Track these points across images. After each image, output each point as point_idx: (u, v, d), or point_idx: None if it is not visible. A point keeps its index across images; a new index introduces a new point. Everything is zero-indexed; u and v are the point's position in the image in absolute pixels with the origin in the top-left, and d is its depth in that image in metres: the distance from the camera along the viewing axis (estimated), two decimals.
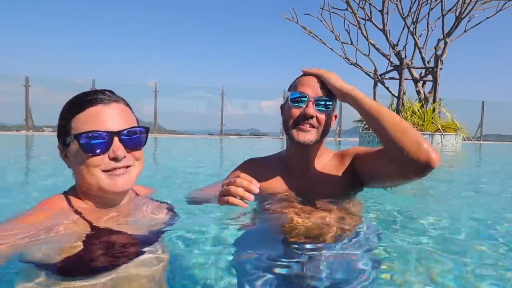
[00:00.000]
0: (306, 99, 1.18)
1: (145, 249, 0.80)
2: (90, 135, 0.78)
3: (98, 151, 0.79)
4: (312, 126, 1.19)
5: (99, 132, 0.79)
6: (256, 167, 1.35)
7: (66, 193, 0.88)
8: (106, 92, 0.85)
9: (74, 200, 0.85)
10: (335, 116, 1.29)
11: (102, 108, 0.81)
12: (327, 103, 1.19)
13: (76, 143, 0.79)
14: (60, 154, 0.87)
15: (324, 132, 1.23)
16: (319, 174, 1.28)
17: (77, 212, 0.81)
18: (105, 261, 0.73)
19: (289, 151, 1.32)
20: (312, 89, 1.19)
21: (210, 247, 1.05)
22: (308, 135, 1.18)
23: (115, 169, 0.81)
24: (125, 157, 0.82)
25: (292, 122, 1.21)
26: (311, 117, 1.17)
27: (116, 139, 0.80)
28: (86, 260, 0.72)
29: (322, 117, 1.19)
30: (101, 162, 0.80)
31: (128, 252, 0.77)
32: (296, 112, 1.19)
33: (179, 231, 1.04)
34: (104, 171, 0.81)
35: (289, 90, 1.28)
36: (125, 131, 0.82)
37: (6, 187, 2.23)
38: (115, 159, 0.81)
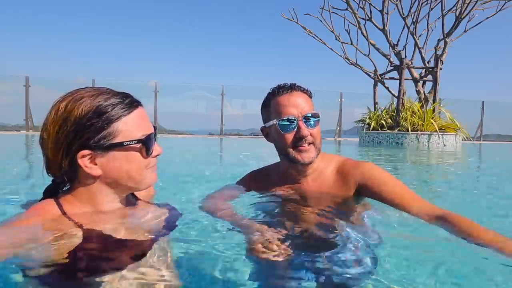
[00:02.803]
0: (295, 121, 1.19)
1: (143, 252, 0.78)
2: (151, 136, 0.83)
3: (152, 152, 0.84)
4: (310, 143, 1.21)
5: (153, 133, 0.84)
6: (258, 182, 1.39)
7: (56, 199, 0.82)
8: (126, 93, 0.86)
9: (67, 205, 0.80)
10: None
11: (142, 110, 0.84)
12: (315, 118, 1.21)
13: (133, 146, 0.80)
14: (78, 162, 0.76)
15: (320, 143, 1.25)
16: (318, 186, 1.29)
17: (69, 217, 0.78)
18: (99, 266, 0.71)
19: (285, 167, 1.32)
20: (297, 108, 1.19)
21: (213, 248, 1.05)
22: (311, 154, 1.21)
23: (155, 164, 0.88)
24: None
25: (289, 146, 1.21)
26: (307, 136, 1.19)
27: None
28: (80, 266, 0.70)
29: (315, 131, 1.22)
30: (151, 160, 0.86)
31: (124, 256, 0.76)
32: (289, 136, 1.20)
33: (179, 232, 1.04)
34: (149, 168, 0.86)
35: (265, 113, 1.28)
36: (155, 130, 0.88)
37: (6, 188, 2.22)
38: (157, 156, 0.88)
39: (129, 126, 0.79)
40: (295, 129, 1.19)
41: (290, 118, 1.19)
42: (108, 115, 0.76)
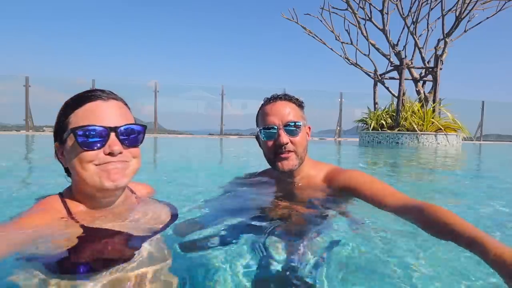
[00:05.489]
0: (275, 129, 1.23)
1: (141, 249, 0.80)
2: (86, 129, 0.78)
3: (94, 145, 0.79)
4: (291, 151, 1.24)
5: (96, 127, 0.79)
6: (247, 186, 1.45)
7: (61, 194, 0.87)
8: (106, 90, 0.87)
9: (69, 201, 0.84)
10: (309, 128, 1.34)
11: (100, 104, 0.82)
12: (296, 125, 1.24)
13: (73, 138, 0.79)
14: (55, 153, 0.87)
15: (303, 152, 1.27)
16: (304, 194, 1.31)
17: (71, 213, 0.81)
18: (99, 262, 0.73)
19: (275, 174, 1.38)
20: (278, 117, 1.24)
21: (210, 244, 1.05)
22: (291, 162, 1.25)
23: (109, 163, 0.81)
24: (121, 153, 0.82)
25: (271, 153, 1.27)
26: (286, 143, 1.22)
27: (113, 134, 0.80)
28: (81, 262, 0.72)
29: (296, 139, 1.25)
30: (96, 157, 0.80)
31: (123, 253, 0.77)
32: (270, 144, 1.25)
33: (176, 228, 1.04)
34: (97, 165, 0.80)
35: (257, 123, 1.34)
36: (122, 127, 0.82)
37: (6, 188, 2.23)
38: (110, 154, 0.80)
39: (77, 119, 0.80)
40: (276, 137, 1.23)
41: (270, 126, 1.24)
42: (66, 108, 0.83)
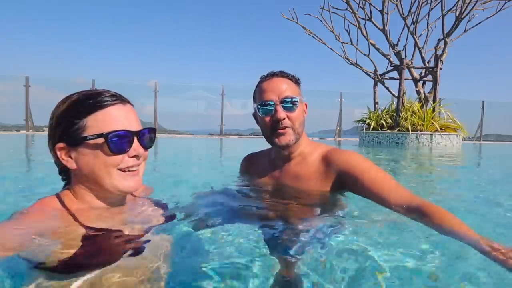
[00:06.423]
0: (272, 104, 1.23)
1: (140, 248, 0.81)
2: (118, 134, 0.79)
3: (123, 150, 0.81)
4: (287, 127, 1.25)
5: (125, 131, 0.81)
6: (250, 165, 1.55)
7: (58, 195, 0.87)
8: (112, 92, 0.86)
9: (67, 200, 0.84)
10: (306, 105, 1.35)
11: (120, 108, 0.83)
12: (293, 100, 1.24)
13: (97, 141, 0.79)
14: (57, 154, 0.82)
15: (300, 127, 1.29)
16: (300, 170, 1.33)
17: (70, 212, 0.81)
18: (99, 260, 0.73)
19: (273, 152, 1.43)
20: (275, 92, 1.25)
21: (208, 242, 1.06)
22: (288, 137, 1.25)
23: (131, 167, 0.84)
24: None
25: (268, 129, 1.28)
26: (283, 119, 1.23)
27: (136, 138, 0.83)
28: (80, 261, 0.72)
29: (293, 115, 1.25)
30: (121, 161, 0.82)
31: (122, 251, 0.78)
32: (267, 119, 1.26)
33: (175, 228, 1.05)
34: (119, 169, 0.82)
35: (254, 100, 1.34)
36: (142, 131, 0.85)
37: (6, 188, 2.23)
38: (136, 157, 0.83)
39: (98, 122, 0.80)
40: (273, 113, 1.24)
41: (267, 101, 1.24)
42: (79, 109, 0.80)
